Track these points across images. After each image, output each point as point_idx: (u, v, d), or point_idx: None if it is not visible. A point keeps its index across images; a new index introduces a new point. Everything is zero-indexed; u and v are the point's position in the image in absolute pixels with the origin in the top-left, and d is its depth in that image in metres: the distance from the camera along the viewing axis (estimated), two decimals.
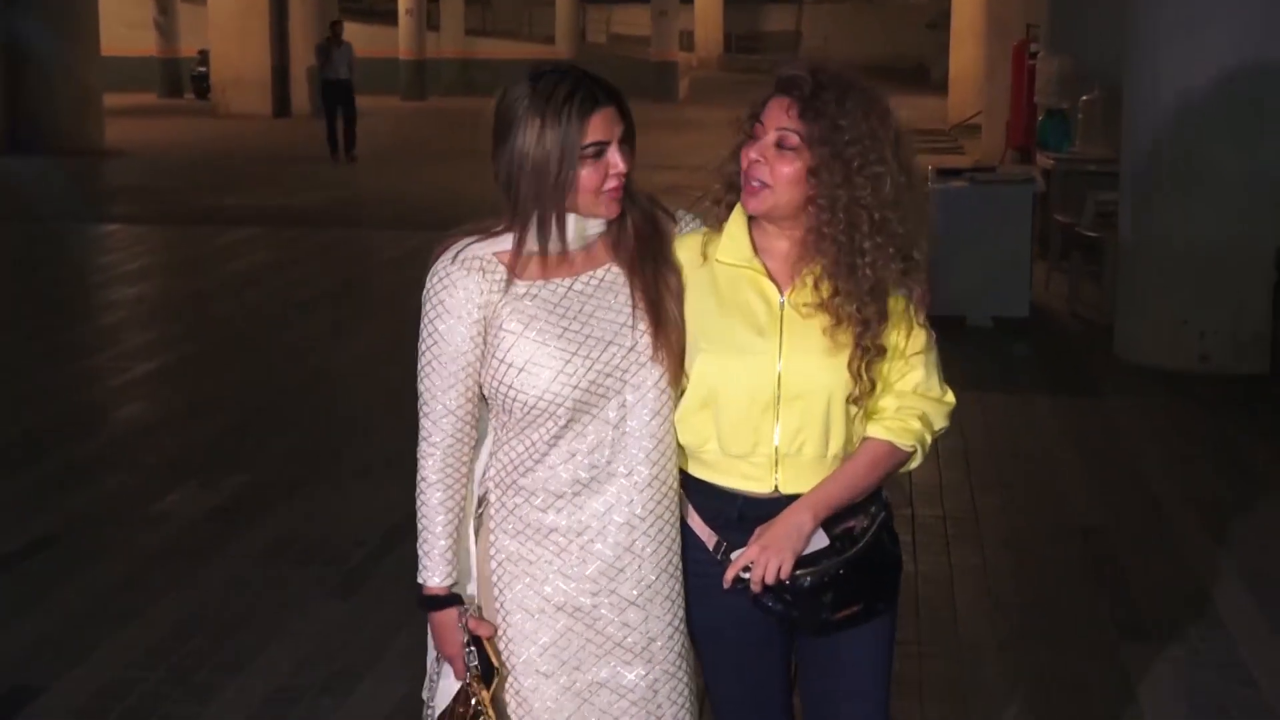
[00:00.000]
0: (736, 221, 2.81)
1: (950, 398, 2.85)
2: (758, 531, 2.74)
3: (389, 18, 37.38)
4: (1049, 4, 14.36)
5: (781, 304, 2.76)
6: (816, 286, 2.75)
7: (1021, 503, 6.67)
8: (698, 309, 2.77)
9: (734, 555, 2.76)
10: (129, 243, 14.41)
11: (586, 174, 2.67)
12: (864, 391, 2.74)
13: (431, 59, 36.72)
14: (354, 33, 34.32)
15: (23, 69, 21.67)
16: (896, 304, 2.78)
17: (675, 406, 2.77)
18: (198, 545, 6.08)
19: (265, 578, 5.71)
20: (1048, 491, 6.85)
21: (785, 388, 2.72)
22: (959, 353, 9.42)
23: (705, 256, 2.81)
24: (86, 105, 22.47)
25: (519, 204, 2.70)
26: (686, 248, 2.83)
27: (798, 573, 2.72)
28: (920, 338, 2.82)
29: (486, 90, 2.89)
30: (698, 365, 2.75)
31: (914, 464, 2.85)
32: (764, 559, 2.71)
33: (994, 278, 10.03)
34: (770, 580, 2.71)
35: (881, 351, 2.74)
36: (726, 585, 2.75)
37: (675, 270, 2.80)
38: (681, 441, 2.80)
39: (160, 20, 35.40)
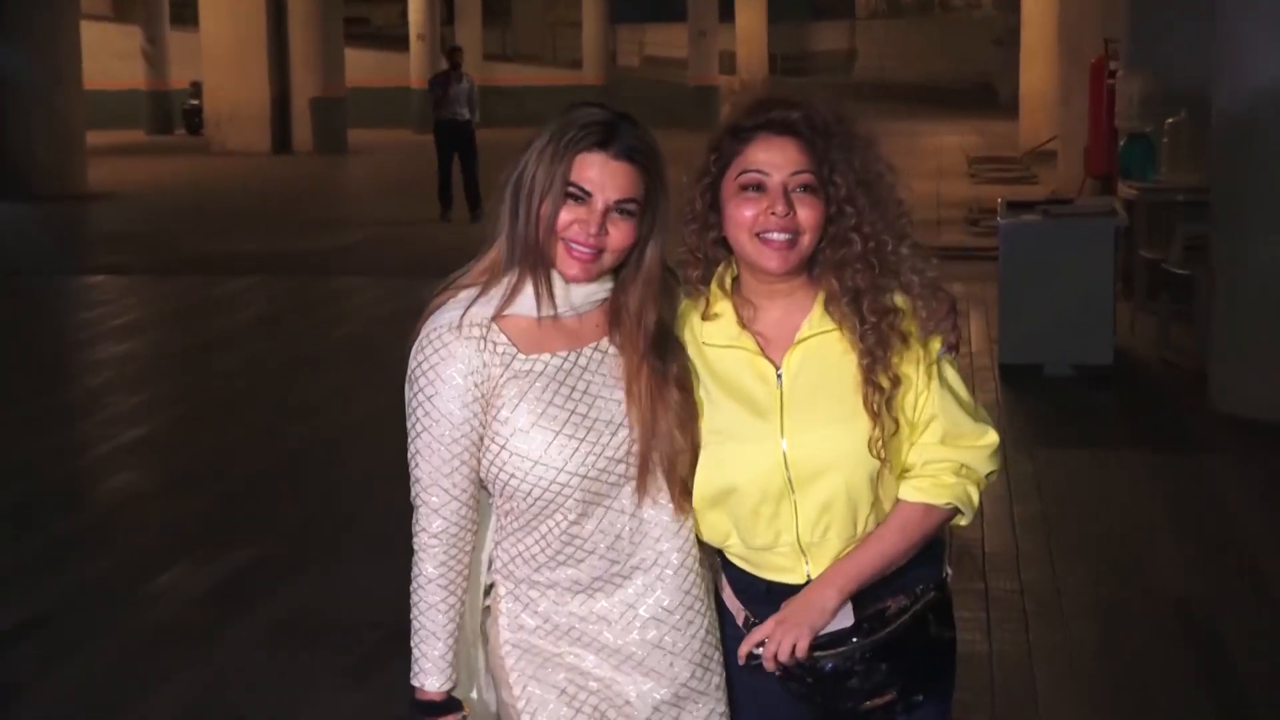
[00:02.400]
0: (719, 295, 2.82)
1: (989, 438, 2.80)
2: (783, 606, 2.76)
3: (399, 43, 37.75)
4: (1128, 17, 14.38)
5: (779, 377, 2.77)
6: (822, 320, 2.77)
7: (1108, 573, 6.64)
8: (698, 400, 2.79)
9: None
10: (116, 295, 14.53)
11: (561, 213, 2.69)
12: (888, 434, 2.72)
13: None
14: (361, 60, 34.78)
15: None
16: (912, 336, 2.77)
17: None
18: (196, 628, 6.12)
19: (270, 663, 5.74)
20: (1138, 559, 6.82)
21: (795, 470, 2.73)
22: (1035, 405, 9.43)
23: (694, 337, 2.83)
24: (68, 144, 22.71)
25: (510, 232, 2.73)
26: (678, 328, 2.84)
27: (817, 654, 2.73)
28: (935, 373, 2.78)
29: (507, 121, 2.94)
30: (702, 460, 2.76)
31: (962, 521, 2.82)
32: (778, 635, 2.72)
33: (1073, 321, 10.03)
34: (784, 658, 2.72)
35: (896, 382, 2.74)
36: (740, 661, 2.78)
37: (681, 359, 2.79)
38: (704, 539, 2.82)
39: (148, 49, 35.81)
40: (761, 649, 2.74)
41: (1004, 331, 10.21)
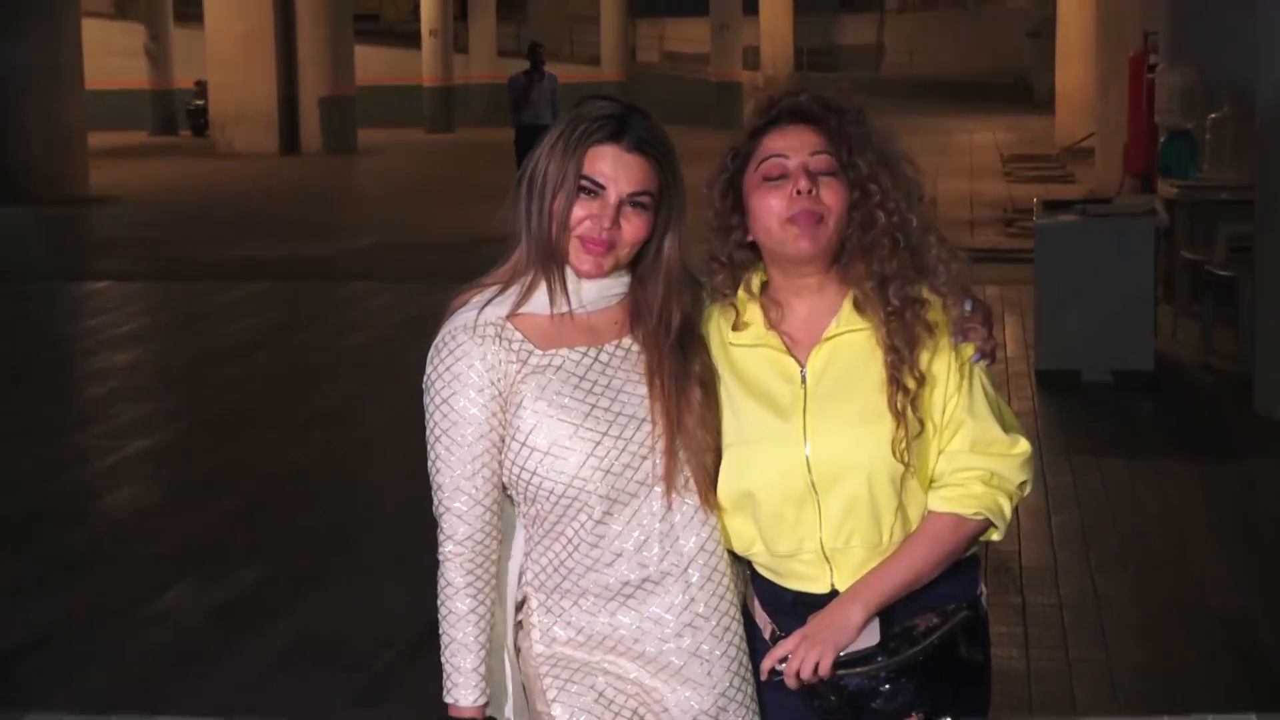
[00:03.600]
0: (746, 298, 2.86)
1: (1021, 446, 2.82)
2: (808, 621, 2.79)
3: (411, 39, 37.82)
4: (1169, 8, 14.36)
5: (803, 376, 2.80)
6: (850, 318, 2.81)
7: (1150, 586, 6.63)
8: (720, 400, 2.83)
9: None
10: (119, 302, 14.57)
11: (575, 209, 2.75)
12: (912, 435, 2.75)
13: (460, 85, 37.06)
14: (371, 57, 34.82)
15: None
16: (939, 331, 2.81)
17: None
18: (203, 648, 6.14)
19: (280, 684, 5.76)
20: (1180, 572, 6.81)
21: (817, 473, 2.76)
22: (1074, 413, 9.41)
23: (721, 339, 2.87)
24: (69, 146, 22.78)
25: (526, 230, 2.79)
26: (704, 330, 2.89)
27: (840, 672, 2.75)
28: (966, 377, 2.81)
29: None
30: (724, 464, 2.80)
31: (995, 535, 2.84)
32: (801, 651, 2.75)
33: (1113, 326, 10.01)
34: (806, 676, 2.74)
35: (922, 381, 2.76)
36: (763, 676, 2.80)
37: (702, 356, 2.84)
38: (729, 547, 2.85)
39: (152, 48, 35.91)
40: (784, 664, 2.77)
41: (1041, 336, 10.19)
